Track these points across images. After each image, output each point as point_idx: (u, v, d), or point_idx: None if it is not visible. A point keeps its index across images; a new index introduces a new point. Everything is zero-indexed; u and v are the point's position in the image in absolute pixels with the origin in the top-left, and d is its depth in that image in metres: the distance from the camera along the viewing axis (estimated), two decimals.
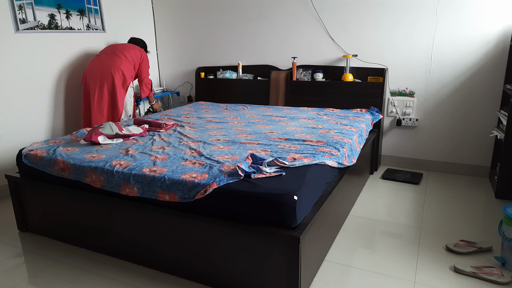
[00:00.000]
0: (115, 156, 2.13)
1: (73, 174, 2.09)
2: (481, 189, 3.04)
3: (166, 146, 2.34)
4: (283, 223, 1.62)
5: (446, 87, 3.28)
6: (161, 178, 1.83)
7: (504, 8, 2.97)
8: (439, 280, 1.89)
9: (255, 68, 3.97)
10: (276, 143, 2.34)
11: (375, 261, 2.07)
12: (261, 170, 1.80)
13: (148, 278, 1.94)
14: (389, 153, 3.63)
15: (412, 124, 3.45)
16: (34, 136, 3.22)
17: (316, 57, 3.72)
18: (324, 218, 1.97)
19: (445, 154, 3.42)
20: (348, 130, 2.64)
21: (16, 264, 2.12)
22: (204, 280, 1.88)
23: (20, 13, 3.03)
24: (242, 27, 3.99)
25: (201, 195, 1.70)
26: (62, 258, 2.15)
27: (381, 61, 3.45)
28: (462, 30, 3.13)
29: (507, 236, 1.92)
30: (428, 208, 2.71)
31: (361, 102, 3.41)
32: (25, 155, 2.30)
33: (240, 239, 1.71)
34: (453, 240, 2.26)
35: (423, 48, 3.28)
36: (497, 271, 1.90)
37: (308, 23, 3.67)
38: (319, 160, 1.99)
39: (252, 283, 1.74)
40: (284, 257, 1.63)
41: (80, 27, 3.55)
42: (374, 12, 3.39)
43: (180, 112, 3.48)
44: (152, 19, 4.40)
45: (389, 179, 3.28)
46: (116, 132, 2.50)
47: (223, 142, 2.41)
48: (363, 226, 2.47)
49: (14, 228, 2.51)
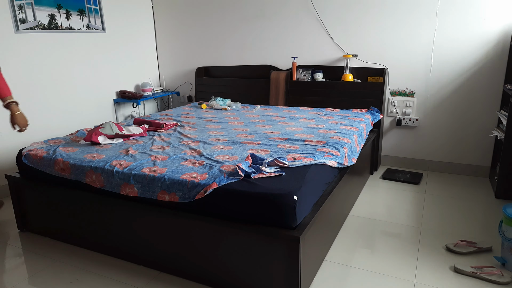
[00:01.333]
0: (115, 156, 2.13)
1: (73, 174, 2.09)
2: (481, 189, 3.04)
3: (166, 146, 2.34)
4: (283, 223, 1.62)
5: (446, 87, 3.28)
6: (161, 178, 1.83)
7: (504, 8, 2.97)
8: (439, 280, 1.89)
9: (255, 68, 3.97)
10: (276, 143, 2.34)
11: (375, 261, 2.07)
12: (261, 170, 1.80)
13: (148, 278, 1.94)
14: (389, 153, 3.63)
15: (412, 124, 3.45)
16: (34, 136, 3.22)
17: (316, 57, 3.72)
18: (324, 218, 1.97)
19: (445, 154, 3.42)
20: (348, 130, 2.64)
21: (16, 264, 2.12)
22: (204, 280, 1.88)
23: (20, 13, 3.03)
24: (242, 27, 3.99)
25: (201, 195, 1.70)
26: (62, 258, 2.15)
27: (381, 61, 3.45)
28: (462, 30, 3.13)
29: (507, 236, 1.92)
30: (428, 208, 2.71)
31: (361, 102, 3.41)
32: (25, 155, 2.30)
33: (240, 239, 1.71)
34: (453, 240, 2.26)
35: (423, 48, 3.28)
36: (497, 271, 1.90)
37: (308, 23, 3.67)
38: (319, 160, 1.99)
39: (252, 283, 1.74)
40: (284, 257, 1.63)
41: (80, 27, 3.55)
42: (374, 12, 3.39)
43: (180, 112, 3.48)
44: (152, 19, 4.40)
45: (389, 179, 3.28)
46: (116, 132, 2.51)
47: (223, 142, 2.41)
48: (363, 226, 2.47)
49: (14, 228, 2.51)
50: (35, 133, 3.23)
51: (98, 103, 3.83)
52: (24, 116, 2.28)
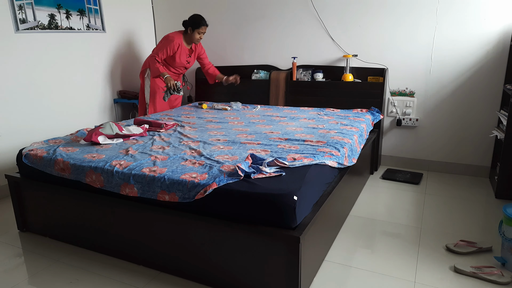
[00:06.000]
0: (115, 156, 2.13)
1: (73, 174, 2.09)
2: (481, 189, 3.04)
3: (166, 146, 2.34)
4: (283, 223, 1.62)
5: (446, 87, 3.28)
6: (161, 178, 1.83)
7: (504, 8, 2.97)
8: (439, 280, 1.89)
9: (256, 68, 3.97)
10: (276, 143, 2.34)
11: (375, 261, 2.07)
12: (261, 170, 1.80)
13: (148, 278, 1.94)
14: (389, 153, 3.63)
15: (412, 124, 3.45)
16: (34, 136, 3.21)
17: (316, 57, 3.72)
18: (324, 218, 1.97)
19: (445, 154, 3.42)
20: (349, 130, 2.64)
21: (16, 264, 2.12)
22: (204, 280, 1.88)
23: (20, 13, 3.03)
24: (242, 27, 3.99)
25: (201, 195, 1.70)
26: (62, 258, 2.15)
27: (381, 61, 3.45)
28: (462, 30, 3.13)
29: (507, 236, 1.92)
30: (428, 208, 2.71)
31: (361, 102, 3.41)
32: (25, 155, 2.30)
33: (240, 239, 1.71)
34: (453, 240, 2.26)
35: (423, 48, 3.28)
36: (497, 271, 1.90)
37: (308, 23, 3.67)
38: (319, 160, 1.99)
39: (252, 283, 1.74)
40: (284, 257, 1.63)
41: (80, 27, 3.55)
42: (374, 12, 3.39)
43: (180, 112, 3.48)
44: (152, 19, 4.40)
45: (389, 179, 3.28)
46: (116, 132, 2.50)
47: (223, 142, 2.41)
48: (363, 226, 2.47)
49: (14, 228, 2.51)
50: (35, 133, 3.23)
51: (98, 103, 3.83)
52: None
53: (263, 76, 3.88)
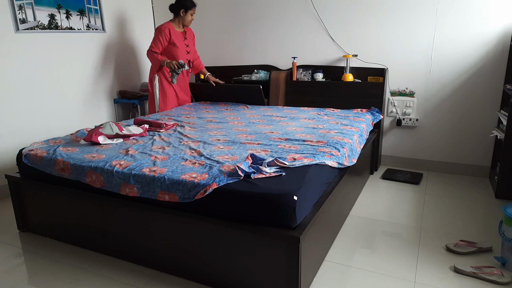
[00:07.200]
0: (115, 156, 2.13)
1: (73, 174, 2.09)
2: (481, 189, 3.04)
3: (166, 146, 2.34)
4: (283, 223, 1.62)
5: (446, 87, 3.28)
6: (161, 178, 1.83)
7: (504, 8, 2.97)
8: (439, 280, 1.89)
9: (256, 68, 3.97)
10: (276, 143, 2.34)
11: (375, 261, 2.07)
12: (261, 170, 1.80)
13: (148, 278, 1.94)
14: (389, 153, 3.63)
15: (412, 124, 3.45)
16: (34, 136, 3.21)
17: (316, 57, 3.72)
18: (324, 218, 1.97)
19: (445, 154, 3.42)
20: (349, 130, 2.64)
21: (16, 264, 2.12)
22: (204, 280, 1.88)
23: (20, 13, 3.03)
24: (242, 27, 3.99)
25: (201, 195, 1.70)
26: (62, 258, 2.15)
27: (381, 61, 3.45)
28: (462, 30, 3.13)
29: (507, 236, 1.92)
30: (428, 208, 2.71)
31: (361, 102, 3.41)
32: (25, 155, 2.30)
33: (240, 239, 1.71)
34: (453, 240, 2.26)
35: (423, 48, 3.28)
36: (497, 271, 1.90)
37: (308, 23, 3.67)
38: (319, 160, 1.99)
39: (252, 283, 1.74)
40: (284, 257, 1.63)
41: (80, 27, 3.55)
42: (374, 12, 3.39)
43: (180, 112, 3.48)
44: (152, 19, 4.40)
45: (389, 179, 3.28)
46: (116, 132, 2.50)
47: (223, 142, 2.41)
48: (363, 226, 2.47)
49: (14, 228, 2.51)
50: (35, 133, 3.23)
51: (98, 103, 3.83)
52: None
53: (263, 76, 3.88)
